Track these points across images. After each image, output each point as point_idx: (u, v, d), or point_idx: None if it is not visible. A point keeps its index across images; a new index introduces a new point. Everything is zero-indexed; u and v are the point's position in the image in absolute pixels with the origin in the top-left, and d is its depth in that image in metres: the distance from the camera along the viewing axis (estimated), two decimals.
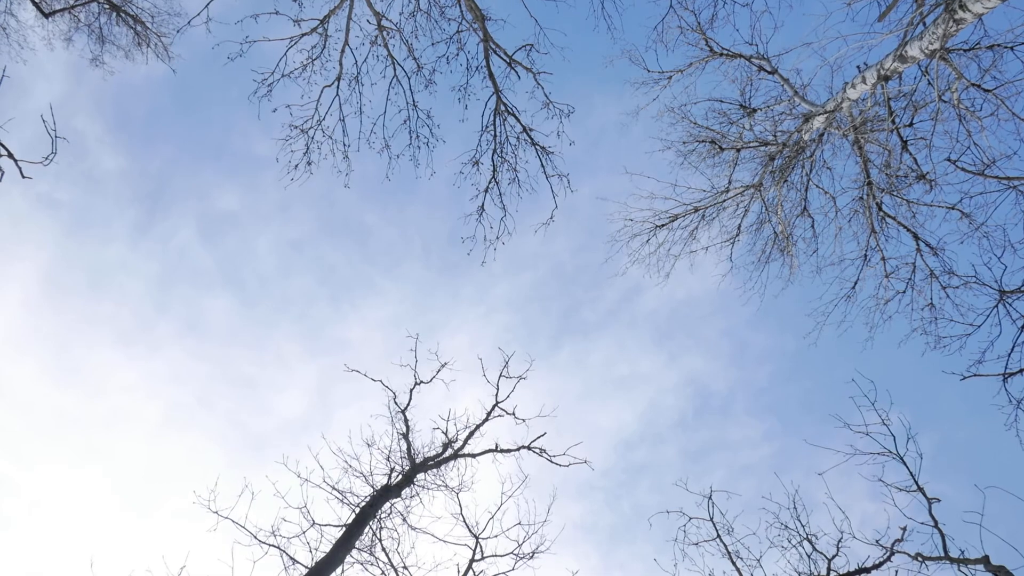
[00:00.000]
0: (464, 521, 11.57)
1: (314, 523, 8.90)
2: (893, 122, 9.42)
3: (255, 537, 8.29)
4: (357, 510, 9.10)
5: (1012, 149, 8.37)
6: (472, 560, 11.46)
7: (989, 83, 9.41)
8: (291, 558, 8.33)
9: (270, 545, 8.40)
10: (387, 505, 9.68)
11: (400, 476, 9.91)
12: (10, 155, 7.27)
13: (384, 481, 9.70)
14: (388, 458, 10.10)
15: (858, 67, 10.07)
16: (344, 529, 8.50)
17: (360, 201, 18.53)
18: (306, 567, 7.99)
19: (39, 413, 15.30)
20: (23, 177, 7.42)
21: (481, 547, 11.61)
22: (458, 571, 11.37)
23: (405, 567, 10.79)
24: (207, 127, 17.11)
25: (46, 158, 7.76)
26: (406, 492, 10.04)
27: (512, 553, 11.60)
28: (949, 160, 8.42)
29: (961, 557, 7.27)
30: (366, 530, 9.10)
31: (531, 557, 11.65)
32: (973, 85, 9.46)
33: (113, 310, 17.09)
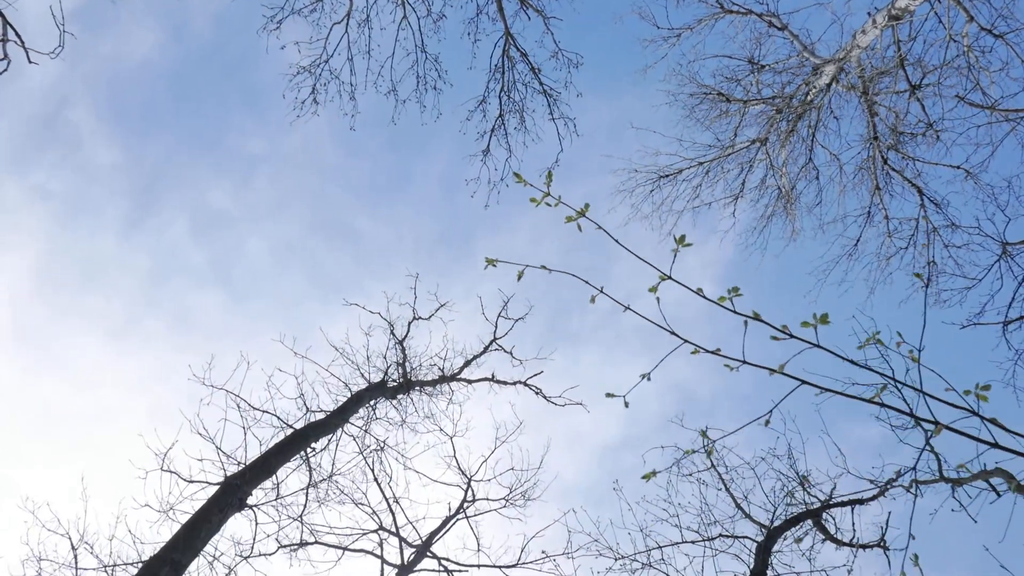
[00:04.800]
0: (457, 464, 11.54)
1: (309, 410, 8.87)
2: (901, 63, 9.40)
3: (249, 404, 8.26)
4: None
5: (1020, 87, 8.35)
6: (463, 501, 11.41)
7: (1001, 28, 9.39)
8: (283, 422, 8.28)
9: (263, 411, 8.37)
10: (382, 400, 9.63)
11: (395, 384, 9.87)
12: (19, 38, 7.25)
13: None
14: (384, 356, 10.09)
15: (868, 12, 10.06)
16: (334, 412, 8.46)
17: (353, 200, 18.53)
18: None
19: (23, 405, 15.19)
20: (29, 62, 7.40)
21: (473, 490, 11.57)
22: (449, 510, 11.33)
23: (396, 500, 10.75)
24: (203, 123, 17.13)
25: (54, 50, 7.77)
26: (401, 398, 10.01)
27: (503, 499, 11.56)
28: (958, 96, 8.41)
29: (958, 477, 7.21)
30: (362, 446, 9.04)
31: (523, 504, 11.60)
32: (984, 30, 9.44)
33: (103, 304, 17.00)
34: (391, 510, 10.70)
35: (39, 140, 15.76)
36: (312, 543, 9.89)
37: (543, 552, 8.85)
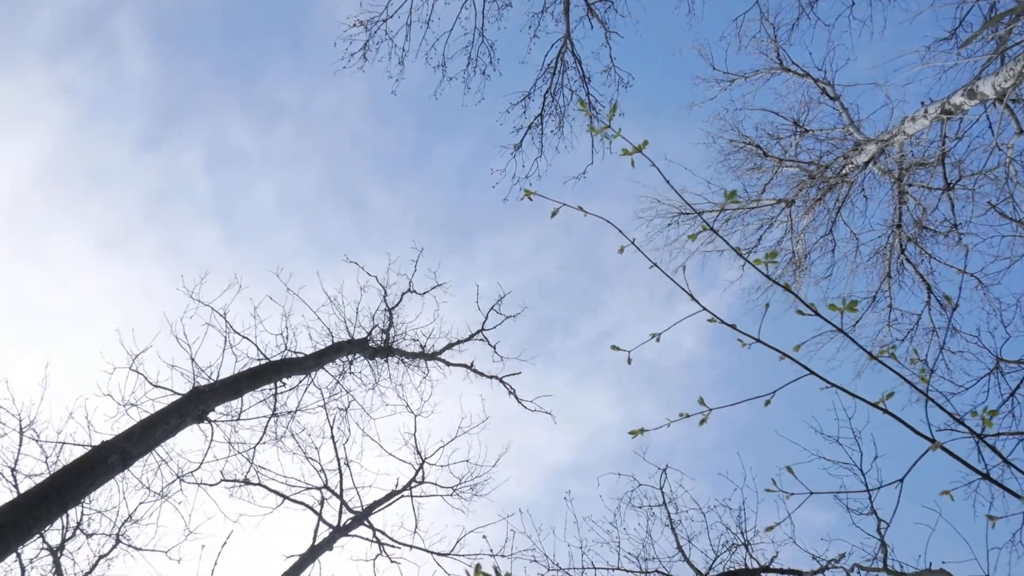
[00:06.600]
0: (415, 442, 11.51)
1: (287, 348, 8.82)
2: (942, 160, 9.45)
3: (231, 327, 8.20)
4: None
5: None
6: (412, 480, 11.38)
7: None
8: (260, 351, 8.24)
9: (244, 336, 8.33)
10: (360, 358, 9.62)
11: (376, 346, 9.86)
12: None
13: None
14: (372, 318, 10.09)
15: (922, 102, 10.10)
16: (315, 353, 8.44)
17: (370, 169, 18.52)
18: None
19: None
20: None
21: (424, 472, 11.54)
22: (396, 485, 11.30)
23: (348, 463, 10.72)
24: (242, 59, 17.05)
25: None
26: (379, 360, 9.99)
27: (452, 488, 11.53)
28: (990, 203, 8.46)
29: (901, 571, 7.20)
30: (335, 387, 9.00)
31: (469, 497, 11.57)
32: None
33: (101, 211, 16.87)
34: (340, 471, 10.68)
35: (77, 37, 15.67)
36: (256, 484, 9.86)
37: (485, 537, 8.80)
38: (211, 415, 6.94)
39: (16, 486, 8.43)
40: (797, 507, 3.23)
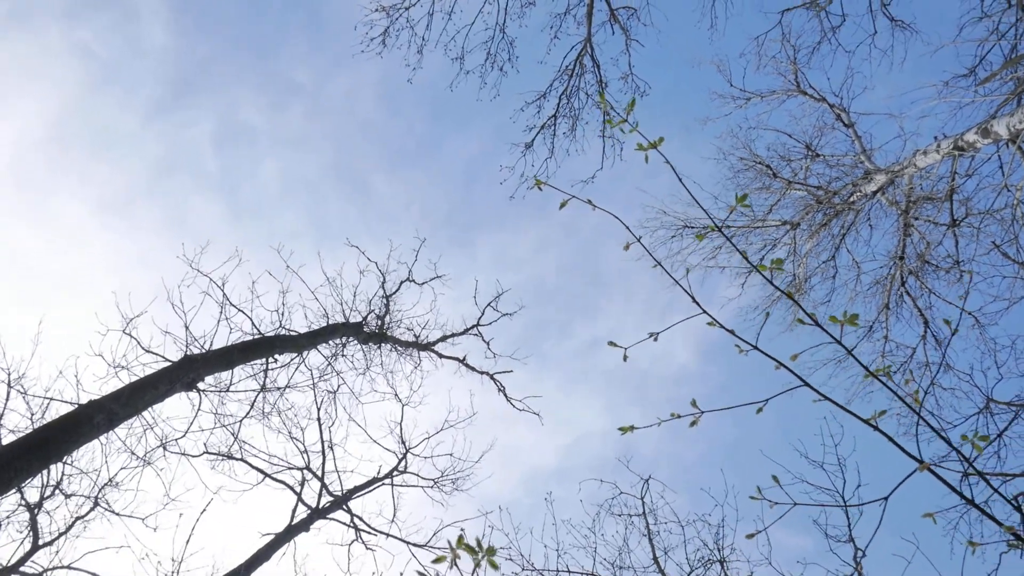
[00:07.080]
0: (400, 431, 11.49)
1: (282, 325, 8.78)
2: (950, 196, 9.46)
3: (228, 299, 8.17)
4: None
5: None
6: (394, 469, 11.37)
7: None
8: (255, 326, 8.21)
9: (239, 309, 8.30)
10: (354, 342, 9.61)
11: (370, 332, 9.85)
12: None
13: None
14: (369, 303, 10.09)
15: (935, 136, 10.11)
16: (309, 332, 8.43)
17: (377, 157, 18.53)
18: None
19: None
20: None
21: (407, 461, 11.53)
22: (378, 473, 11.29)
23: (332, 446, 10.70)
24: (260, 35, 17.03)
25: None
26: (372, 346, 9.99)
27: (433, 480, 11.53)
28: (994, 243, 8.47)
29: None
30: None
31: (450, 491, 11.57)
32: None
33: (107, 176, 16.85)
34: (323, 453, 10.66)
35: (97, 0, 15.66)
36: (239, 459, 9.84)
37: (462, 530, 8.76)
38: (200, 384, 6.93)
39: None
40: (780, 517, 3.21)
